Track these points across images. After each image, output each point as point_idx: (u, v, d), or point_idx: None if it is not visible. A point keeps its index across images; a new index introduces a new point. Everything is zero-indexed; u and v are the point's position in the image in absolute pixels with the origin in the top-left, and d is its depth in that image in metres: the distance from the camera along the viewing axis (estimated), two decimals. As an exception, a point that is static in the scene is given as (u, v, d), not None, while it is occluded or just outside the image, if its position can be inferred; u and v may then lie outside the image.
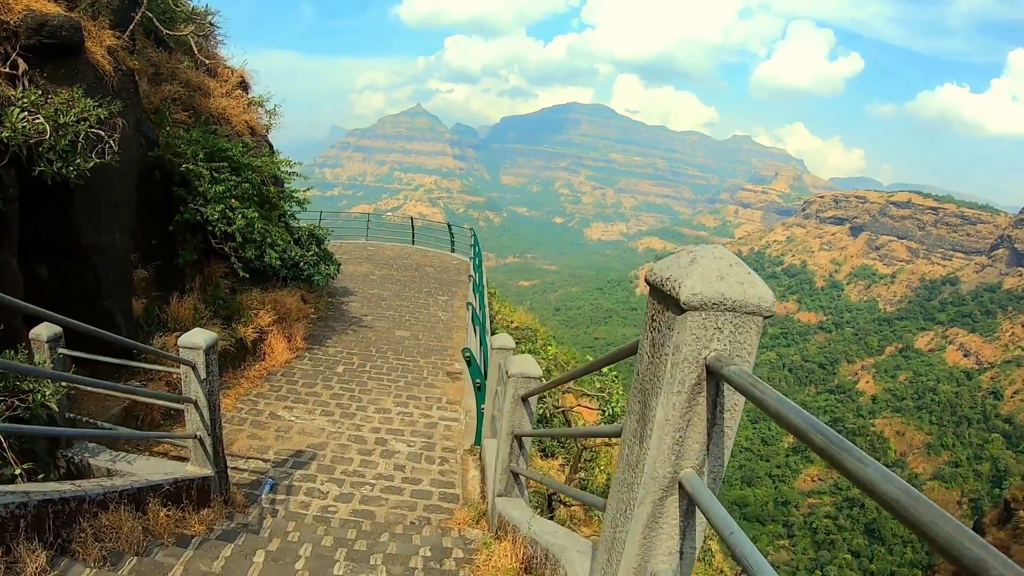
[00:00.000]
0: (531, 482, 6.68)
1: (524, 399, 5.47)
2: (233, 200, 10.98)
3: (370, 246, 26.34)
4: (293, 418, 9.67)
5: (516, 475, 5.81)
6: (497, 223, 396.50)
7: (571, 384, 14.61)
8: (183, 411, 6.19)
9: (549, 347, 18.33)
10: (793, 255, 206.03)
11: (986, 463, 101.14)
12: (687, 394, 2.14)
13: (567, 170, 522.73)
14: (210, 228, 10.87)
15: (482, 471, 8.13)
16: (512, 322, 24.80)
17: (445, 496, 7.85)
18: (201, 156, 10.75)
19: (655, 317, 2.27)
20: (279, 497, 7.41)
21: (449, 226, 28.37)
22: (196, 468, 6.26)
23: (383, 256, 24.32)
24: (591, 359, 13.95)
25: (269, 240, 11.84)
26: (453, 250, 27.52)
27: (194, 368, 5.86)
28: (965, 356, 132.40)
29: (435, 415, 10.36)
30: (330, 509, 7.27)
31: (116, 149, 7.47)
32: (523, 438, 5.59)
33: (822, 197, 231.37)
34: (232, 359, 10.80)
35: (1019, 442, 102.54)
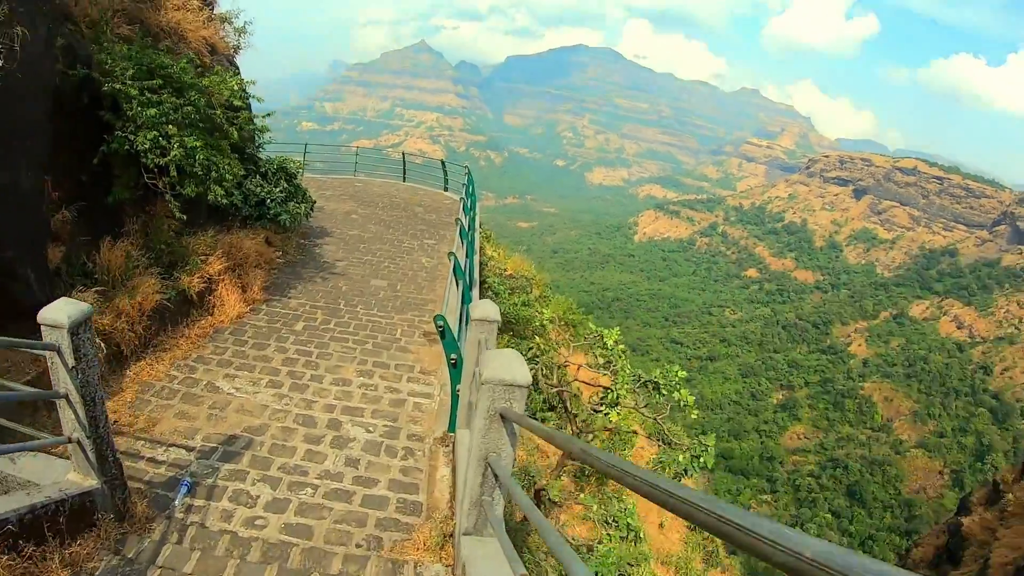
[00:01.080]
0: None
1: (503, 416, 4.04)
2: (170, 126, 9.04)
3: (357, 182, 24.64)
4: (233, 390, 8.10)
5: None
6: (498, 163, 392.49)
7: (570, 349, 14.59)
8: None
9: (544, 310, 16.15)
10: (794, 212, 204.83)
11: (970, 436, 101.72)
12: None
13: (571, 113, 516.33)
14: (143, 161, 9.05)
15: (453, 470, 6.69)
16: (506, 269, 23.06)
17: (405, 505, 6.31)
18: (131, 73, 8.83)
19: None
20: (197, 503, 5.90)
21: (443, 163, 26.59)
22: (78, 478, 4.82)
23: (370, 193, 22.59)
24: (591, 323, 12.77)
25: (215, 174, 9.83)
26: (446, 189, 25.87)
27: (59, 353, 4.32)
28: (959, 328, 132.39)
29: (404, 389, 8.73)
30: (257, 523, 5.75)
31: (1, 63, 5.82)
32: (498, 469, 4.13)
33: (827, 156, 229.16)
34: (171, 316, 9.18)
35: (1005, 419, 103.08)
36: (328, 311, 11.18)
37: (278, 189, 13.25)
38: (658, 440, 15.59)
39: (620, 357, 10.81)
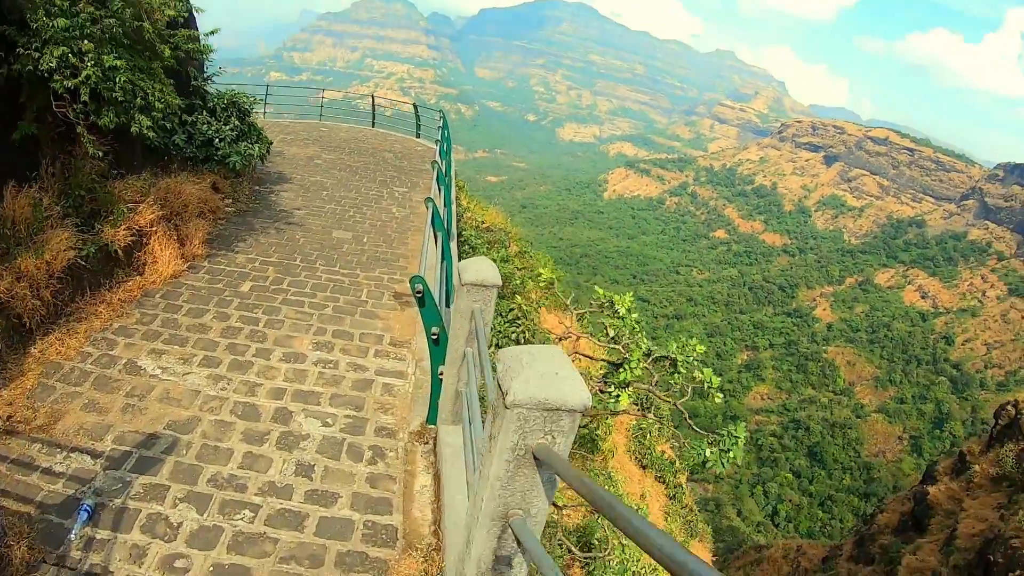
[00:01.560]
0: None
1: (538, 459, 2.60)
2: (84, 42, 7.29)
3: (322, 127, 22.99)
4: (158, 371, 6.46)
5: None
6: (469, 117, 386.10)
7: (570, 315, 12.97)
8: None
9: (543, 270, 14.04)
10: (765, 176, 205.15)
11: (930, 404, 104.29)
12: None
13: (544, 68, 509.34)
14: (53, 85, 7.28)
15: (436, 478, 5.31)
16: (483, 222, 21.81)
17: (375, 531, 4.81)
18: (38, -24, 6.94)
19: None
20: (100, 534, 4.40)
21: (415, 106, 25.05)
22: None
23: (335, 138, 21.08)
24: (598, 288, 10.77)
25: (141, 101, 8.00)
26: (419, 135, 24.36)
27: None
28: (923, 298, 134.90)
29: (371, 365, 7.16)
30: (177, 564, 4.27)
31: None
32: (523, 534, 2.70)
33: (800, 122, 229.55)
34: (90, 277, 7.48)
35: (964, 389, 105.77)
36: (281, 268, 9.58)
37: (228, 127, 11.61)
38: (640, 409, 14.49)
39: (635, 328, 9.27)
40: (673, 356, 8.91)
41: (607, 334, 9.48)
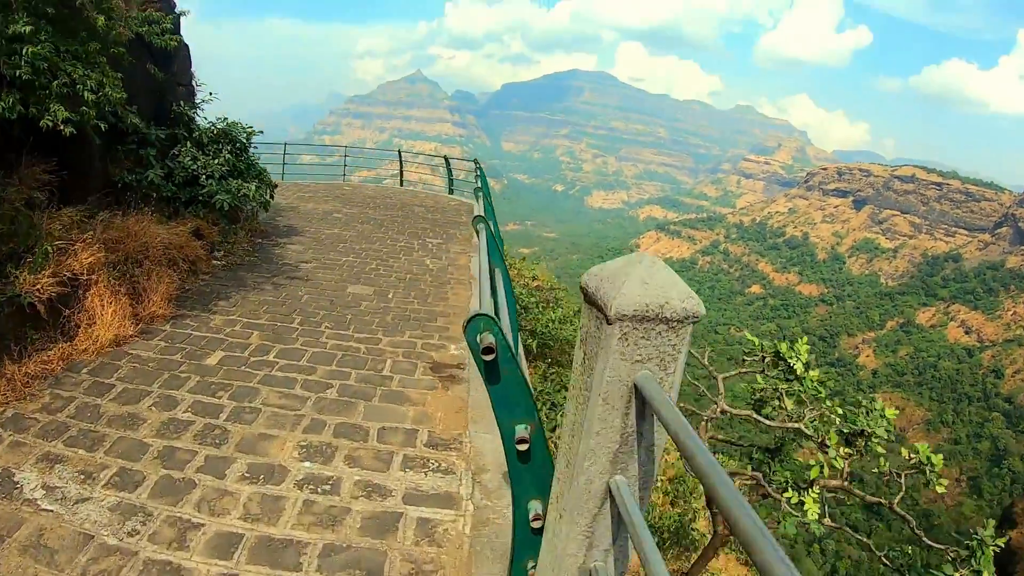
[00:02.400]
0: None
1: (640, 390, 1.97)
2: None
3: (346, 186, 21.97)
4: (39, 493, 3.97)
5: None
6: (497, 190, 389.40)
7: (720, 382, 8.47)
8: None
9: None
10: (795, 227, 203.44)
11: (985, 442, 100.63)
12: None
13: (568, 138, 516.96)
14: None
15: None
16: (534, 278, 18.95)
17: None
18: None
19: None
20: None
21: (446, 159, 24.01)
22: None
23: (359, 195, 19.63)
24: (748, 334, 8.18)
25: (60, 87, 5.88)
26: (452, 191, 23.26)
27: None
28: (966, 333, 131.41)
29: (397, 486, 4.44)
30: None
31: None
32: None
33: (825, 169, 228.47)
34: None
35: (1019, 422, 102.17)
36: (271, 333, 7.11)
37: (216, 161, 9.70)
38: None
39: (819, 392, 6.48)
40: (867, 429, 6.20)
41: (779, 404, 6.50)
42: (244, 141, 11.14)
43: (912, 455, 5.88)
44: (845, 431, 6.21)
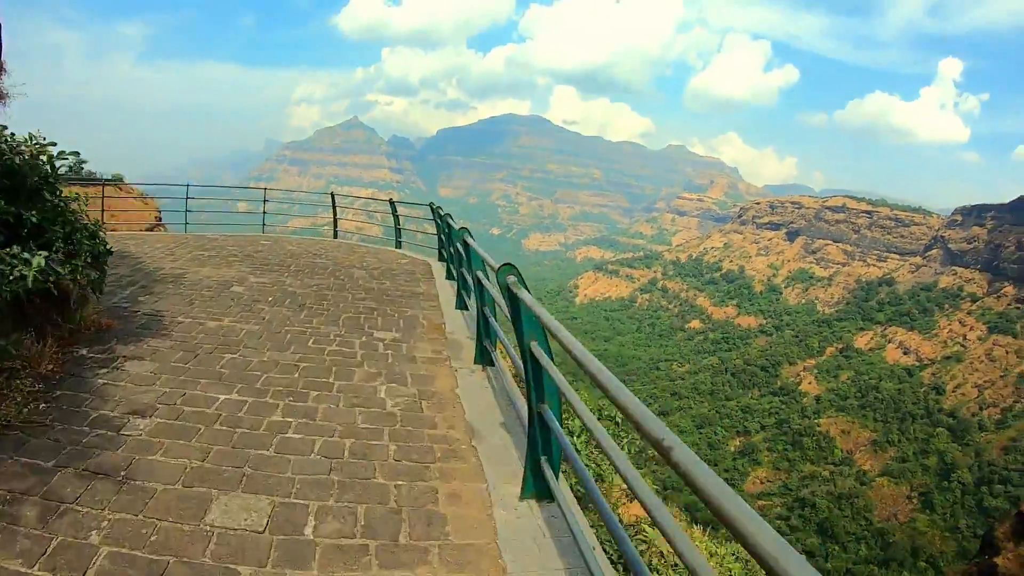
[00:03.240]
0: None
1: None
2: None
3: (264, 239, 17.92)
4: None
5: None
6: (432, 231, 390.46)
7: None
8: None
9: None
10: (731, 261, 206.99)
11: (932, 457, 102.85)
12: None
13: (504, 181, 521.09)
14: None
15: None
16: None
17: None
18: None
19: None
20: None
21: (392, 204, 19.70)
22: None
23: (279, 253, 15.28)
24: None
25: None
26: (399, 245, 19.17)
27: None
28: (905, 354, 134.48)
29: None
30: None
31: None
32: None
33: (758, 204, 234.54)
34: None
35: (963, 435, 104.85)
36: None
37: None
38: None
39: None
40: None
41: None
42: (46, 175, 6.70)
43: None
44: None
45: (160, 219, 48.84)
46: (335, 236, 20.48)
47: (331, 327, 9.00)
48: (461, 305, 10.81)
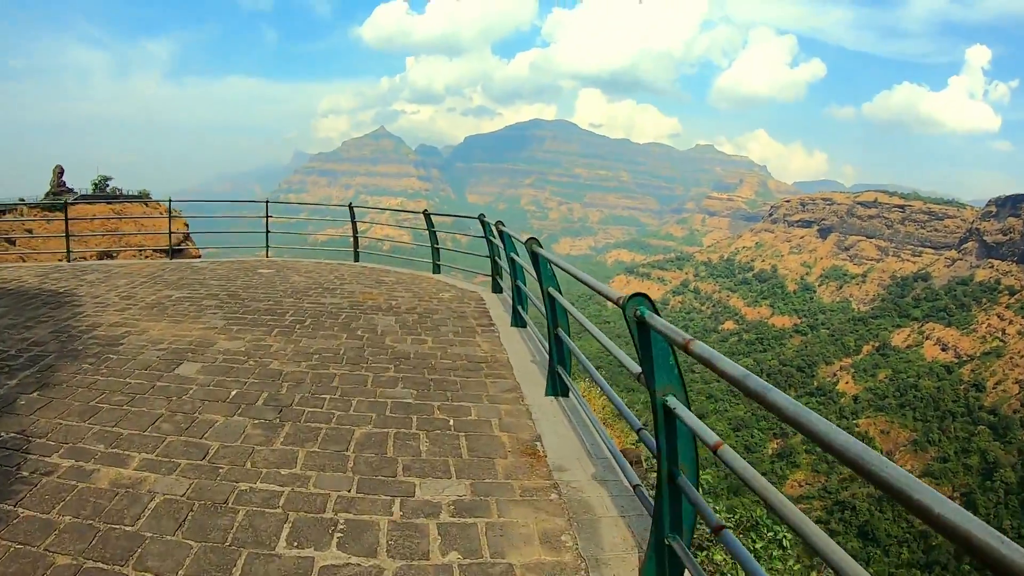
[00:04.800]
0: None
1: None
2: None
3: (266, 266, 15.33)
4: None
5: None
6: (464, 243, 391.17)
7: None
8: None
9: None
10: (763, 260, 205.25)
11: (974, 456, 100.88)
12: None
13: (532, 187, 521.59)
14: None
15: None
16: None
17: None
18: None
19: None
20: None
21: (427, 216, 16.04)
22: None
23: (277, 288, 12.47)
24: None
25: None
26: (438, 269, 15.66)
27: None
28: (943, 350, 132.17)
29: None
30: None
31: None
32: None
33: (788, 201, 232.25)
34: None
35: (1005, 433, 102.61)
36: None
37: None
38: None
39: None
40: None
41: None
42: None
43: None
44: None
45: (188, 235, 49.56)
46: (356, 258, 17.30)
47: (330, 470, 5.09)
48: (554, 389, 6.80)
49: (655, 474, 3.86)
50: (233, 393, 6.51)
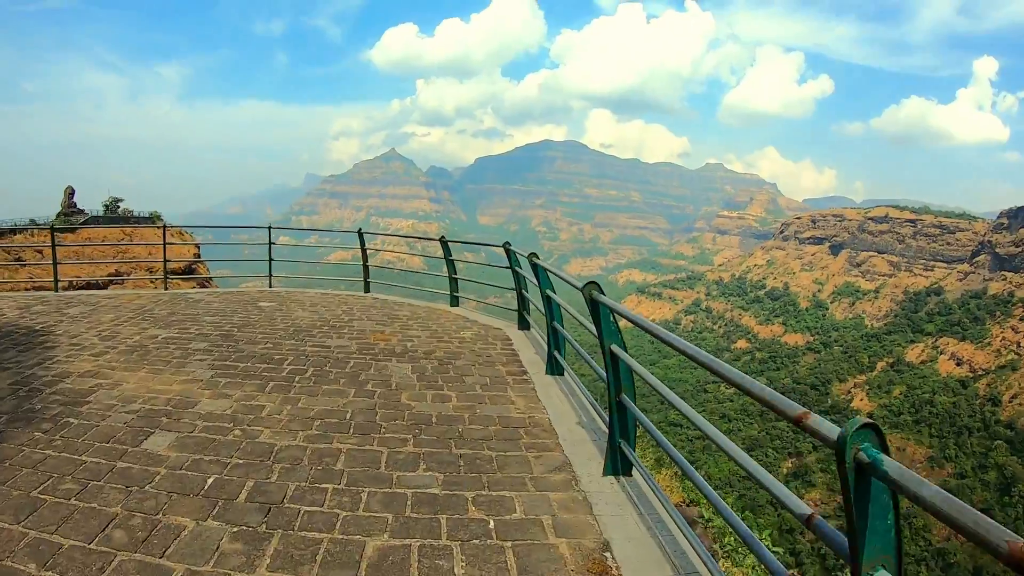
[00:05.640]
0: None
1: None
2: None
3: (267, 299, 14.50)
4: None
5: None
6: (477, 265, 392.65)
7: None
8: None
9: None
10: (775, 278, 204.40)
11: (992, 471, 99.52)
12: None
13: (543, 207, 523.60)
14: None
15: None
16: None
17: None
18: None
19: None
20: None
21: (444, 242, 14.68)
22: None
23: (277, 327, 11.35)
24: None
25: None
26: (456, 302, 14.84)
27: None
28: (958, 365, 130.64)
29: None
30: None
31: None
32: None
33: (799, 218, 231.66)
34: None
35: (1023, 447, 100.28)
36: None
37: None
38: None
39: None
40: None
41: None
42: None
43: None
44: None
45: (199, 255, 49.84)
46: (366, 289, 16.41)
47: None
48: (614, 468, 5.59)
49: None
50: (210, 482, 5.12)
